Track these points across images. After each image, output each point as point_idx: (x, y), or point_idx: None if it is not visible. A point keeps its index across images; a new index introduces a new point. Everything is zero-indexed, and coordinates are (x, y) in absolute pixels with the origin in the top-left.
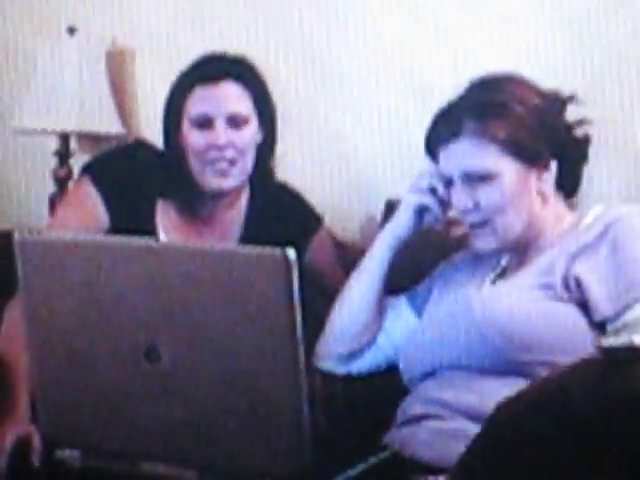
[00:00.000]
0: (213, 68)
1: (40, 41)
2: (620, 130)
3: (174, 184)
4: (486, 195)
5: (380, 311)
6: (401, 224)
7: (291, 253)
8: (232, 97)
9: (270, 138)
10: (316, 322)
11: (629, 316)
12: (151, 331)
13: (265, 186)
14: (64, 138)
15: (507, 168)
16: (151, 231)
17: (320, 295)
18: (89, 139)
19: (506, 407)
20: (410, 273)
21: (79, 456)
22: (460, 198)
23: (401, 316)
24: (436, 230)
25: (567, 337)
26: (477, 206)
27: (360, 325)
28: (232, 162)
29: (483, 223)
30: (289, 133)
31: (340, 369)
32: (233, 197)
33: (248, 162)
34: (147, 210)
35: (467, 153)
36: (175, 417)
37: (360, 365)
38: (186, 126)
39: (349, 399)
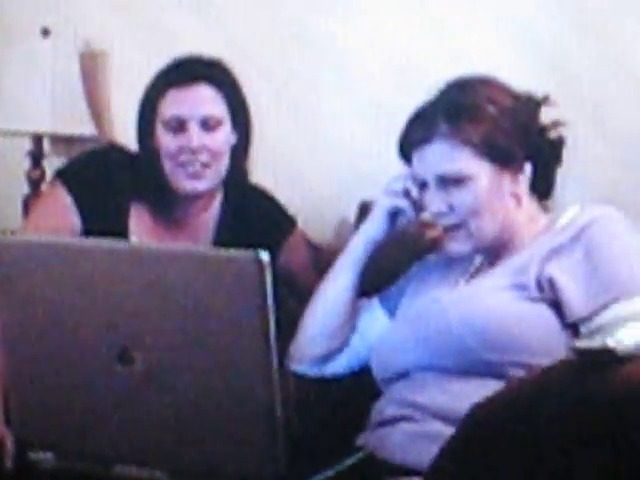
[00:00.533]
0: (186, 70)
1: (14, 42)
2: (594, 132)
3: (147, 187)
4: (460, 198)
5: (354, 313)
6: (375, 226)
7: (264, 256)
8: (205, 99)
9: (244, 140)
10: (289, 324)
11: (603, 318)
12: (124, 334)
13: (239, 188)
14: (37, 140)
15: (481, 170)
16: (124, 234)
17: (293, 297)
18: (62, 141)
19: (480, 409)
20: (383, 275)
21: (52, 458)
22: (434, 201)
23: (374, 318)
24: (409, 232)
25: (540, 338)
26: (451, 209)
27: (334, 327)
28: (206, 165)
29: (457, 226)
30: (263, 135)
31: (314, 371)
32: (206, 199)
33: (222, 165)
34: (120, 213)
35: (441, 156)
36: (148, 420)
37: (334, 367)
38: (159, 129)
39: (323, 401)
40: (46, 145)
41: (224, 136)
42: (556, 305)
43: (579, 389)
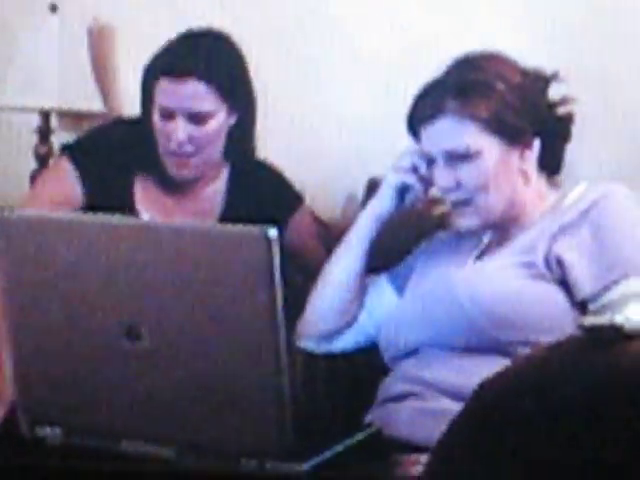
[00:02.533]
0: (180, 62)
1: (21, 18)
2: (603, 108)
3: (151, 160)
4: (468, 173)
5: (362, 290)
6: (383, 203)
7: (272, 232)
8: (194, 95)
9: (247, 119)
10: (297, 301)
11: (611, 295)
12: (132, 309)
13: (245, 164)
14: (45, 116)
15: (489, 146)
16: (129, 207)
17: (301, 273)
18: (70, 117)
19: (488, 386)
20: (392, 252)
21: (59, 433)
22: (442, 176)
23: (382, 295)
24: (418, 209)
25: (548, 316)
26: (459, 184)
27: (341, 304)
28: (190, 155)
29: (465, 202)
30: (270, 111)
31: (321, 348)
32: (211, 174)
33: (212, 151)
34: (125, 186)
35: (449, 131)
36: (156, 395)
37: (341, 344)
38: (155, 112)
39: (330, 378)
40: (54, 121)
41: (215, 126)
42: (564, 283)
43: (586, 366)
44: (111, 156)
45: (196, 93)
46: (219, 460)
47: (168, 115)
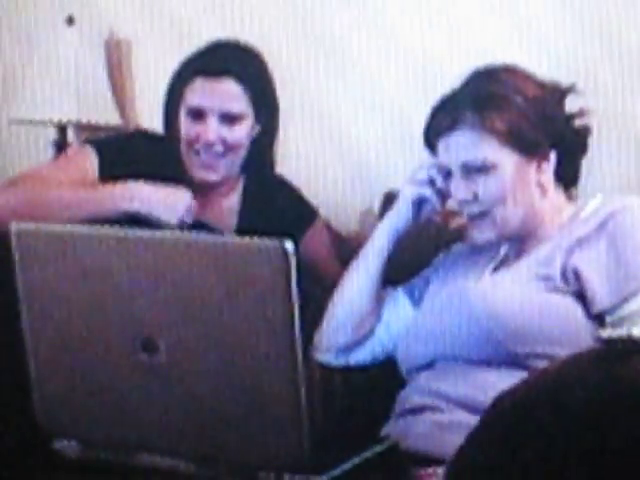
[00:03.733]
0: (217, 62)
1: (38, 31)
2: (620, 121)
3: (168, 172)
4: (485, 186)
5: (378, 303)
6: (400, 216)
7: (289, 245)
8: (229, 95)
9: (269, 132)
10: (314, 314)
11: (628, 307)
12: (148, 322)
13: (260, 178)
14: (62, 129)
15: (506, 159)
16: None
17: (318, 287)
18: (87, 130)
19: (505, 398)
20: (408, 265)
21: (76, 446)
22: (459, 189)
23: (399, 307)
24: (435, 221)
25: (565, 329)
26: (476, 197)
27: (358, 317)
28: (220, 156)
29: (482, 214)
30: (289, 125)
31: (338, 361)
32: (225, 188)
33: (238, 157)
34: None
35: (466, 144)
36: (172, 409)
37: (358, 357)
38: (183, 113)
39: (347, 391)
40: (70, 134)
41: (244, 130)
42: (581, 296)
43: (603, 378)
44: (131, 162)
45: (231, 92)
46: (237, 473)
47: (199, 116)
